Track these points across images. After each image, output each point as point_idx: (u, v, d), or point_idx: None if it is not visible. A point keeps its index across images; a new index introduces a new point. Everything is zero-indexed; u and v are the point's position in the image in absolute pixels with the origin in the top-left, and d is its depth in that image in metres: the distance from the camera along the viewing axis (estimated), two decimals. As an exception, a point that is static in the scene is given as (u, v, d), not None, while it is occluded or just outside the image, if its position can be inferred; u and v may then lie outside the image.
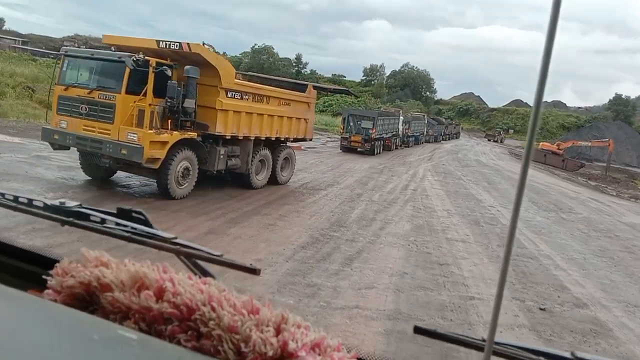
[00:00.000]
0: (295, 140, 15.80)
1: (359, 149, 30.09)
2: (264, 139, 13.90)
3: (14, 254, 1.20)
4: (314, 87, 17.23)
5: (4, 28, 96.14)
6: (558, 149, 48.89)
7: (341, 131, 31.27)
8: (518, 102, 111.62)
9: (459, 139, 69.36)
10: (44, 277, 0.95)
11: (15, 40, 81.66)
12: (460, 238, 11.29)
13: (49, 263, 1.02)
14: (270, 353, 0.76)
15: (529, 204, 17.98)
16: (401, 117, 38.86)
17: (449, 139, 64.29)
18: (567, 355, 0.84)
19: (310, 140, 17.29)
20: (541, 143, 57.32)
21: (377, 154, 31.26)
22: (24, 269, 1.15)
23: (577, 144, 52.92)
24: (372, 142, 30.47)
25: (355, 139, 30.17)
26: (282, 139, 14.97)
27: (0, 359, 0.60)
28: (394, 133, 36.37)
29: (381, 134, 32.28)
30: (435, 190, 18.55)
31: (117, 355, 0.69)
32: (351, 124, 30.53)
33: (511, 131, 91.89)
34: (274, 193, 13.88)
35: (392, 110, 41.86)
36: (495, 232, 12.32)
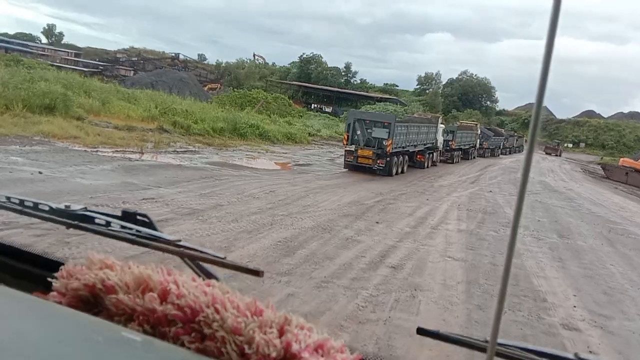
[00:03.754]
0: None
1: (374, 167, 20.22)
2: None
3: (19, 257, 1.14)
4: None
5: (62, 42, 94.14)
6: (644, 165, 37.69)
7: (344, 142, 21.04)
8: (590, 113, 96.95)
9: (521, 152, 57.12)
10: (49, 279, 0.91)
11: (68, 52, 78.62)
12: None
13: (54, 266, 0.97)
14: (274, 354, 0.72)
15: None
16: (441, 125, 28.30)
17: (509, 153, 52.70)
18: (571, 357, 0.79)
19: None
20: (621, 159, 45.24)
21: (397, 173, 21.22)
22: (29, 271, 1.09)
23: (667, 160, 41.03)
24: (388, 158, 20.42)
25: (363, 153, 20.12)
26: None
27: None
28: (429, 145, 26.01)
29: (404, 147, 21.95)
30: (446, 266, 8.35)
31: (121, 357, 0.67)
32: (358, 132, 20.36)
33: (582, 144, 78.72)
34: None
35: (429, 116, 31.17)
36: None
